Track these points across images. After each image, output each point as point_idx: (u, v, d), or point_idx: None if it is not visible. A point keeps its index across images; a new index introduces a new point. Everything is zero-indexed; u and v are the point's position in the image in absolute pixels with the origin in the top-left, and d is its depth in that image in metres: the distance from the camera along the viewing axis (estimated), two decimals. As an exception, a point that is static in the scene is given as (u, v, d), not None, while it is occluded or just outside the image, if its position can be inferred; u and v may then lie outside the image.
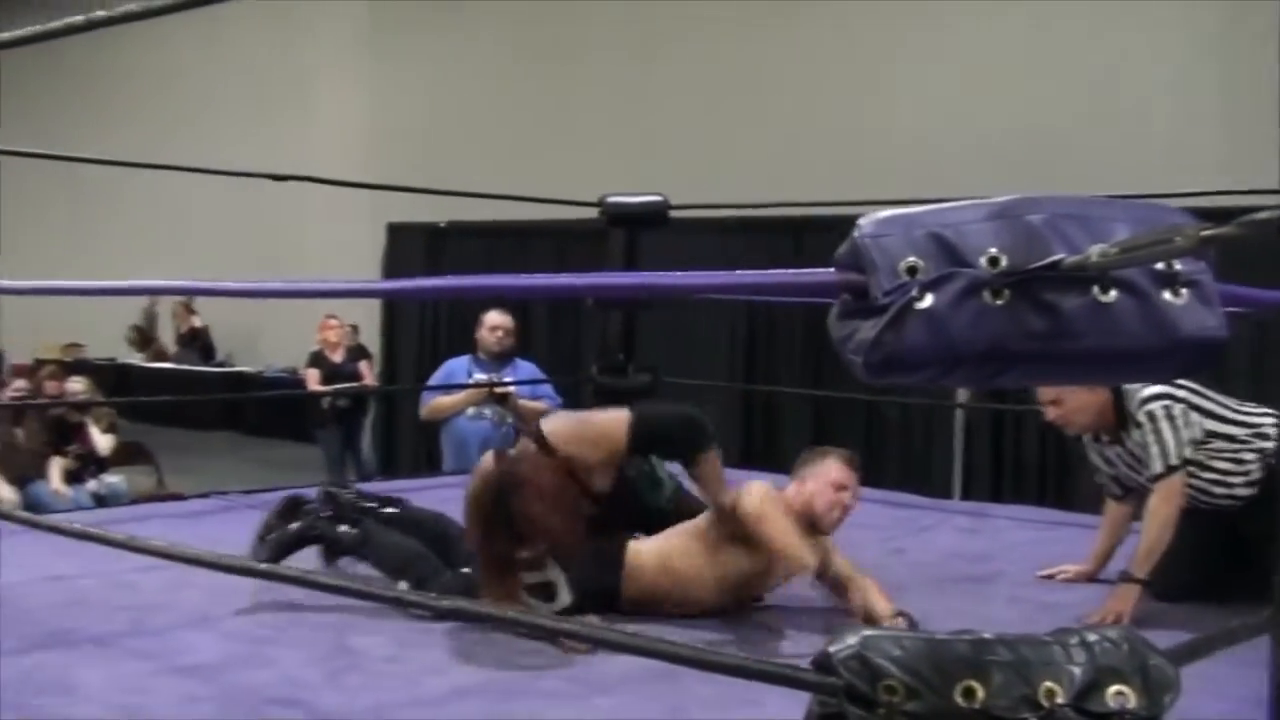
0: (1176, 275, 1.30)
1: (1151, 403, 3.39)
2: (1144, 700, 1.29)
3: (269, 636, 3.06)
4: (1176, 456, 3.35)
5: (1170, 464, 3.35)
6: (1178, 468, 3.35)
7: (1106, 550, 3.77)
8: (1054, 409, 3.55)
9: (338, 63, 13.37)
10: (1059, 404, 3.53)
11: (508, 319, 6.17)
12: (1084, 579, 3.76)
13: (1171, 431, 3.36)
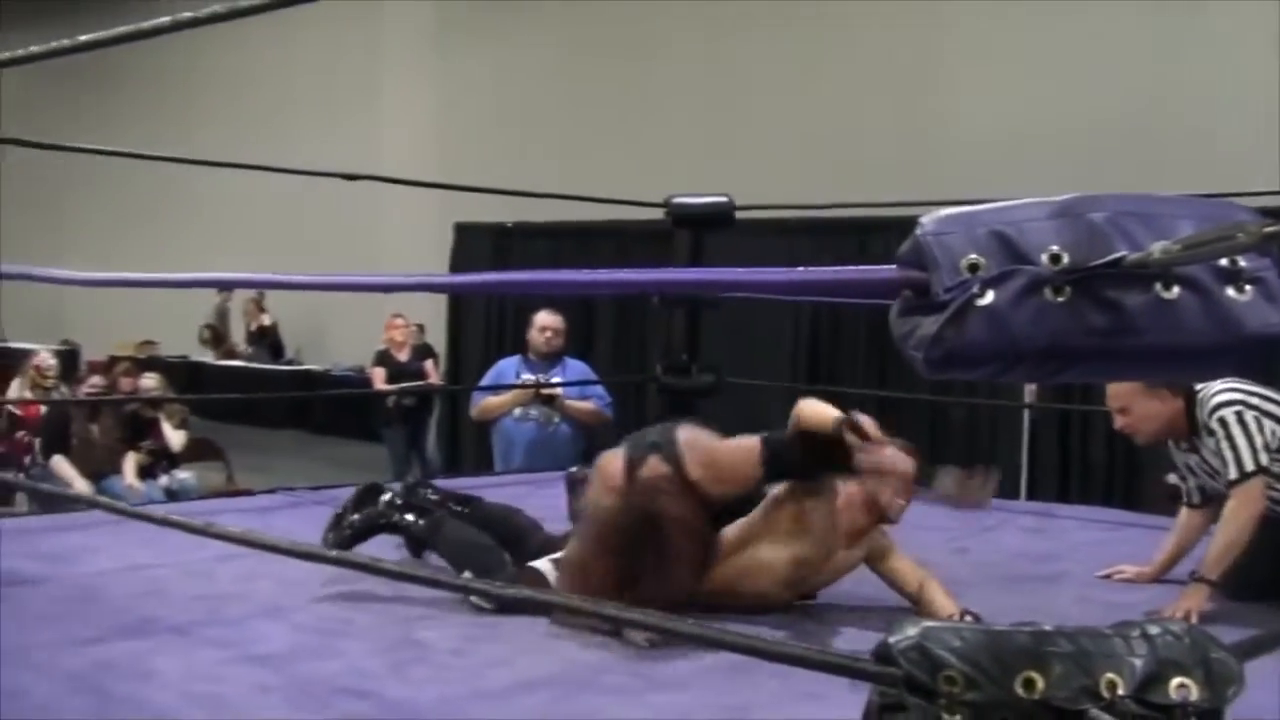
0: (1240, 272, 1.31)
1: (1224, 409, 3.35)
2: (1207, 693, 1.29)
3: (337, 628, 3.11)
4: (1252, 462, 3.31)
5: (1245, 470, 3.31)
6: (1254, 473, 3.30)
7: (1173, 556, 3.73)
8: (1122, 417, 3.54)
9: (406, 63, 13.53)
10: (1126, 412, 3.51)
11: (558, 319, 6.18)
12: (1144, 580, 3.72)
13: (1245, 437, 3.32)
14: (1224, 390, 3.41)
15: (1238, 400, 3.36)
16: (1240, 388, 3.42)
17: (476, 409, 6.21)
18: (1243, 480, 3.31)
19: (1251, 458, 3.31)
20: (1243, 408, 3.35)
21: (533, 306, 10.68)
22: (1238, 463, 3.32)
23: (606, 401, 6.09)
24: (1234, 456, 3.33)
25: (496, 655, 2.94)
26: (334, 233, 13.11)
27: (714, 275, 1.75)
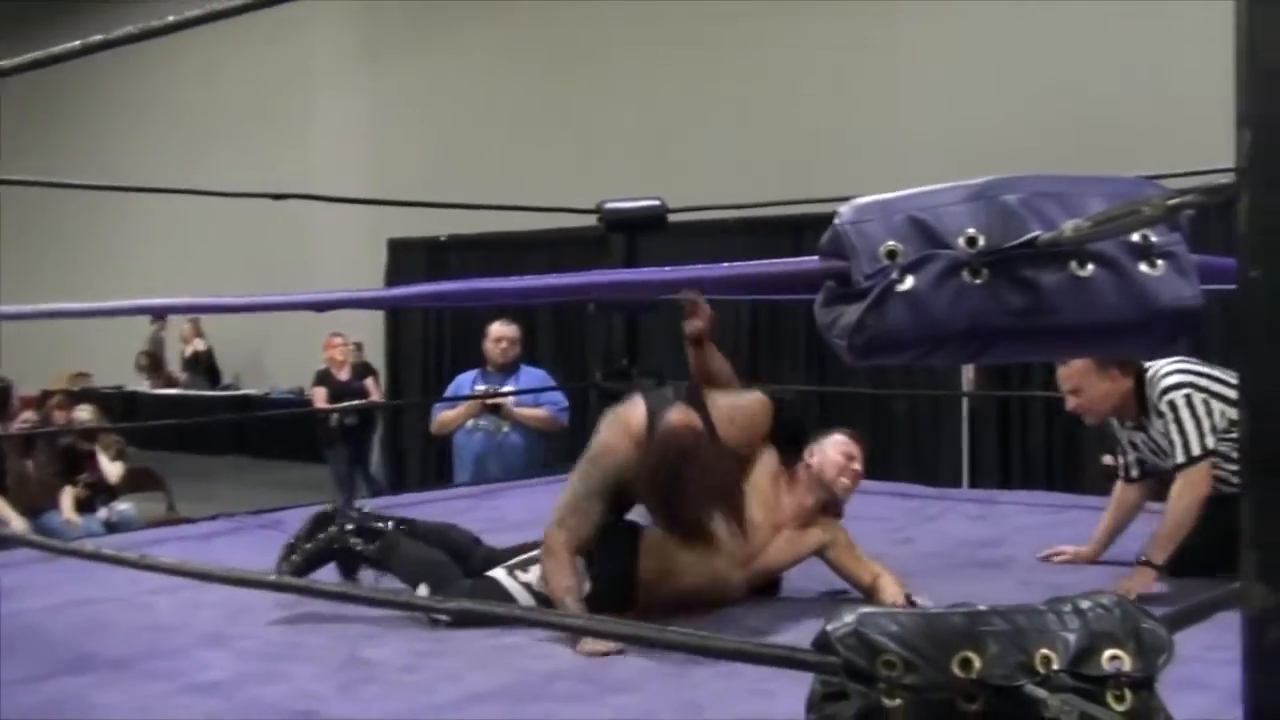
0: (1152, 247, 1.33)
1: (1173, 392, 3.38)
2: (1138, 663, 1.31)
3: (283, 652, 3.08)
4: (1199, 446, 3.33)
5: (1193, 454, 3.34)
6: (1201, 457, 3.33)
7: (1111, 534, 3.76)
8: (1074, 398, 3.56)
9: (336, 81, 13.44)
10: (1079, 393, 3.53)
11: (512, 329, 6.18)
12: (1084, 561, 3.75)
13: (1193, 421, 3.35)
14: (1174, 371, 3.43)
15: (1187, 383, 3.39)
16: (1189, 368, 3.44)
17: (434, 424, 6.21)
18: (1190, 464, 3.33)
19: (1199, 442, 3.33)
20: (1192, 390, 3.37)
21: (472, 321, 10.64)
22: (1185, 447, 3.34)
23: (561, 407, 6.08)
24: (1182, 440, 3.35)
25: (446, 669, 2.92)
26: (266, 254, 12.99)
27: (645, 275, 1.76)
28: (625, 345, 6.01)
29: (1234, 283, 1.47)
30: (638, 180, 7.65)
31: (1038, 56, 8.43)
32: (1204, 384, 3.39)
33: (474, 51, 11.99)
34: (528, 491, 5.11)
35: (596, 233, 5.81)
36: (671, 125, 10.45)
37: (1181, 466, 3.35)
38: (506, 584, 3.32)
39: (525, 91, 11.53)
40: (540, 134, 11.31)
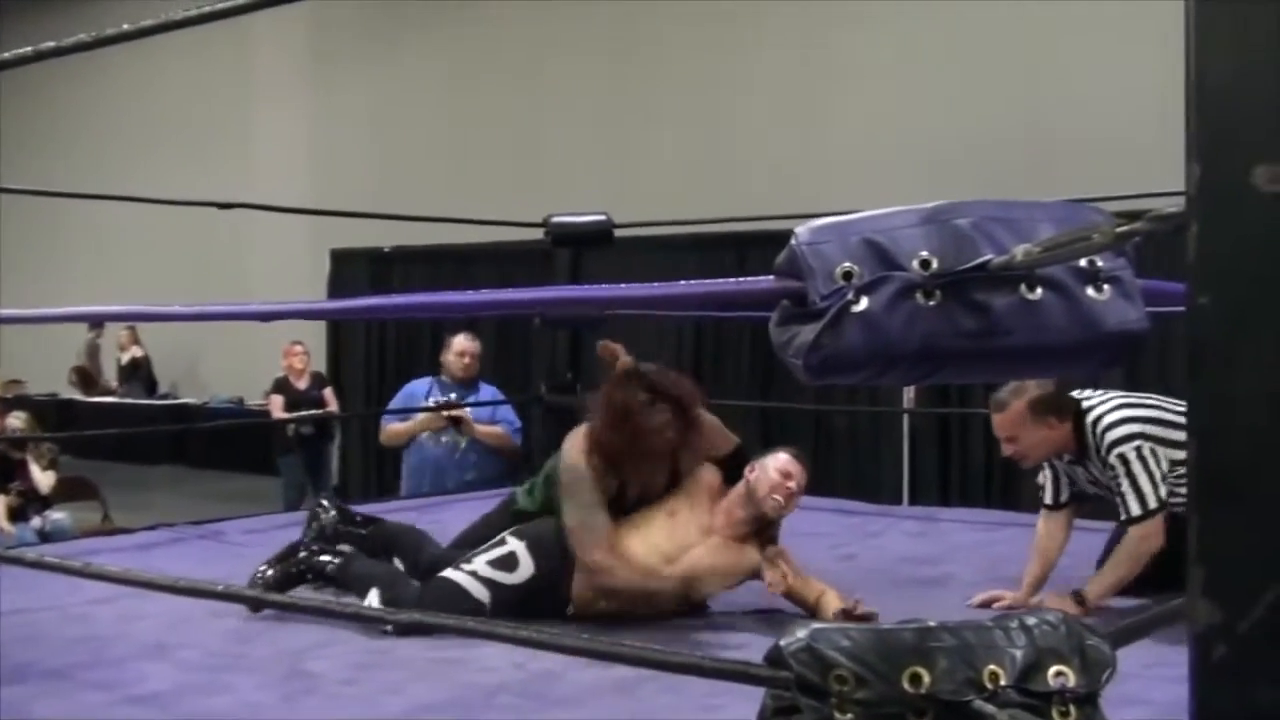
0: (1099, 272, 1.36)
1: (1123, 445, 3.37)
2: (1083, 679, 1.34)
3: (225, 663, 3.06)
4: (1155, 499, 3.33)
5: (1149, 508, 3.33)
6: (1156, 511, 3.32)
7: (1044, 571, 3.66)
8: (1009, 445, 3.53)
9: (278, 90, 13.35)
10: (1014, 441, 3.51)
11: (475, 344, 6.15)
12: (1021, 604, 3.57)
13: (1146, 474, 3.34)
14: (1120, 420, 3.41)
15: (1137, 434, 3.37)
16: (1135, 414, 3.43)
17: (384, 434, 6.13)
18: (1146, 518, 3.33)
19: (1154, 495, 3.33)
20: (1142, 440, 3.36)
21: (416, 333, 10.63)
22: (1140, 501, 3.34)
23: (516, 427, 6.05)
24: (1136, 495, 3.34)
25: (389, 682, 2.91)
26: (207, 264, 12.88)
27: (597, 292, 1.77)
28: (570, 360, 6.01)
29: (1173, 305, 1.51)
30: (584, 195, 7.67)
31: (982, 77, 8.56)
32: (1152, 431, 3.39)
33: (421, 63, 11.96)
34: (469, 504, 5.10)
35: (542, 247, 5.81)
36: (618, 141, 10.48)
37: (1137, 520, 3.34)
38: (455, 578, 3.42)
39: (472, 104, 11.52)
40: (486, 147, 11.30)
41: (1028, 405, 3.46)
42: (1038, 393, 3.46)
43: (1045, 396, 3.46)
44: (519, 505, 3.80)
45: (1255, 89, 0.86)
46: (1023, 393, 3.47)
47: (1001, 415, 3.51)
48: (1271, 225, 0.86)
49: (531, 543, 3.46)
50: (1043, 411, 3.46)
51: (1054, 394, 3.48)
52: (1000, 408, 3.52)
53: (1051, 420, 3.47)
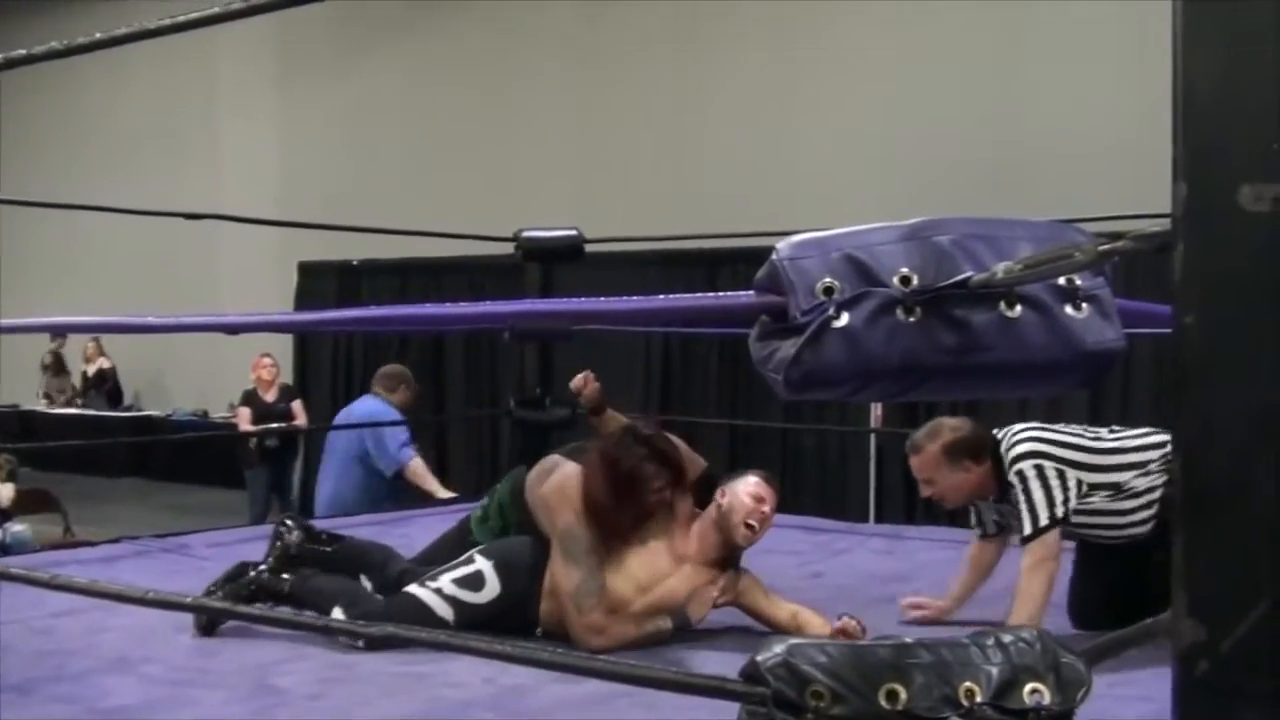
0: (1077, 291, 1.37)
1: (1021, 462, 3.26)
2: (1058, 696, 1.34)
3: (191, 678, 3.03)
4: (1047, 517, 3.20)
5: (1039, 525, 3.21)
6: (1047, 528, 3.21)
7: (970, 588, 3.65)
8: (927, 487, 3.47)
9: (246, 103, 13.28)
10: (932, 484, 3.44)
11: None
12: (944, 615, 3.62)
13: (1042, 491, 3.22)
14: (1023, 441, 3.32)
15: (1037, 452, 3.27)
16: (1043, 437, 3.34)
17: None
18: (1035, 536, 3.21)
19: (1047, 512, 3.21)
20: (1043, 460, 3.26)
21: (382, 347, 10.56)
22: (1032, 518, 3.22)
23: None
24: (1029, 512, 3.23)
25: (357, 696, 2.89)
26: (174, 276, 12.78)
27: (576, 306, 1.76)
28: (539, 374, 6.00)
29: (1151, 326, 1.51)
30: (554, 210, 7.67)
31: (952, 96, 8.62)
32: (1056, 453, 3.28)
33: (391, 76, 11.94)
34: (435, 519, 5.08)
35: (512, 261, 5.80)
36: (590, 156, 10.50)
37: (1028, 539, 3.23)
38: (420, 594, 3.38)
39: (441, 118, 11.51)
40: (456, 161, 11.28)
41: (942, 449, 3.37)
42: (952, 436, 3.37)
43: (959, 440, 3.36)
44: (474, 535, 3.78)
45: (1241, 109, 0.87)
46: (937, 436, 3.39)
47: (917, 458, 3.43)
48: (1257, 245, 0.86)
49: (499, 563, 3.42)
50: (958, 455, 3.36)
51: (969, 437, 3.38)
52: (915, 450, 3.44)
53: (967, 464, 3.36)
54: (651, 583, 3.42)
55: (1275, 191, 0.85)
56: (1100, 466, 3.29)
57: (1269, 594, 0.85)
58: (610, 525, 3.37)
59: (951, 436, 3.38)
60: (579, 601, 3.30)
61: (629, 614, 3.37)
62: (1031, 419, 3.63)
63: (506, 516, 3.79)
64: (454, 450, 10.57)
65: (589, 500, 3.36)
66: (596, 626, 3.30)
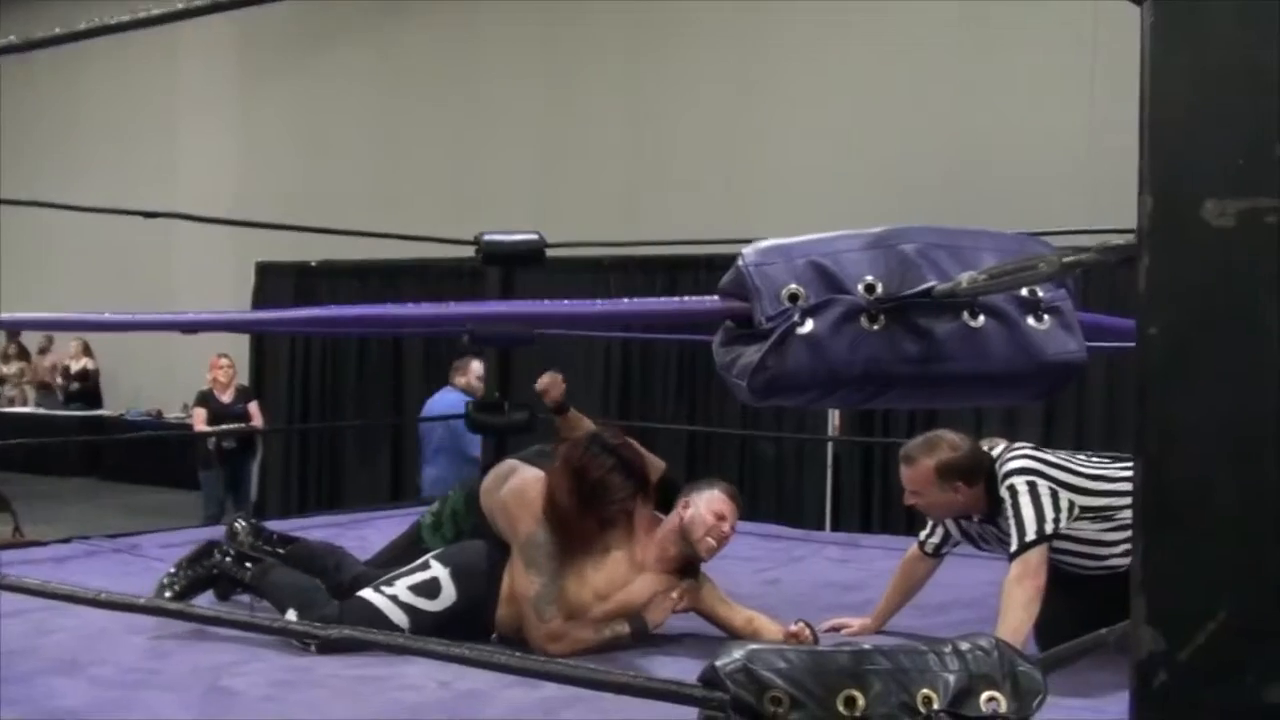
0: (1040, 302, 1.38)
1: (1013, 478, 3.24)
2: (1014, 704, 1.35)
3: (141, 680, 2.99)
4: (1035, 531, 3.17)
5: (1026, 539, 3.17)
6: (1036, 542, 3.17)
7: (897, 605, 3.64)
8: (914, 498, 3.43)
9: (204, 99, 13.18)
10: (920, 496, 3.40)
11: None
12: (869, 632, 3.60)
13: (1032, 506, 3.19)
14: (1019, 459, 3.31)
15: (1029, 469, 3.26)
16: (1038, 457, 3.33)
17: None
18: (1023, 550, 3.17)
19: (1035, 527, 3.18)
20: (1036, 477, 3.24)
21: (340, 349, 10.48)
22: (1020, 531, 3.19)
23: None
24: (1018, 526, 3.19)
25: (310, 700, 2.87)
26: (130, 275, 12.66)
27: (543, 309, 1.76)
28: (498, 378, 5.98)
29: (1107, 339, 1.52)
30: (515, 214, 7.65)
31: (915, 109, 8.68)
32: (1049, 472, 3.26)
33: (352, 76, 11.88)
34: (392, 521, 5.05)
35: (472, 264, 5.78)
36: (552, 161, 10.48)
37: (1016, 554, 3.17)
38: (374, 600, 3.36)
39: (402, 119, 11.47)
40: (417, 163, 11.25)
41: (935, 468, 3.33)
42: (949, 456, 3.33)
43: (955, 460, 3.33)
44: (426, 543, 3.76)
45: (1208, 124, 0.88)
46: (934, 451, 3.35)
47: (909, 470, 3.39)
48: (1220, 258, 0.87)
49: (456, 570, 3.41)
50: (950, 476, 3.32)
51: (965, 457, 3.34)
52: (908, 462, 3.40)
53: (958, 485, 3.33)
54: (611, 590, 3.43)
55: (1239, 206, 0.86)
56: (1093, 491, 3.26)
57: (1228, 604, 0.86)
58: (573, 533, 3.37)
59: (948, 456, 3.33)
60: (539, 608, 3.29)
61: (588, 619, 3.37)
62: (986, 430, 3.64)
63: (460, 523, 3.78)
64: (411, 454, 10.51)
65: (552, 507, 3.35)
66: (556, 633, 3.29)
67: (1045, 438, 6.83)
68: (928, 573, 3.66)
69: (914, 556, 3.67)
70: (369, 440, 10.68)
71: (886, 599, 3.67)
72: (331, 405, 10.74)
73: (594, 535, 3.42)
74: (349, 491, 10.51)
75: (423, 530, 3.87)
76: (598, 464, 3.37)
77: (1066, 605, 3.22)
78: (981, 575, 3.64)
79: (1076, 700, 2.47)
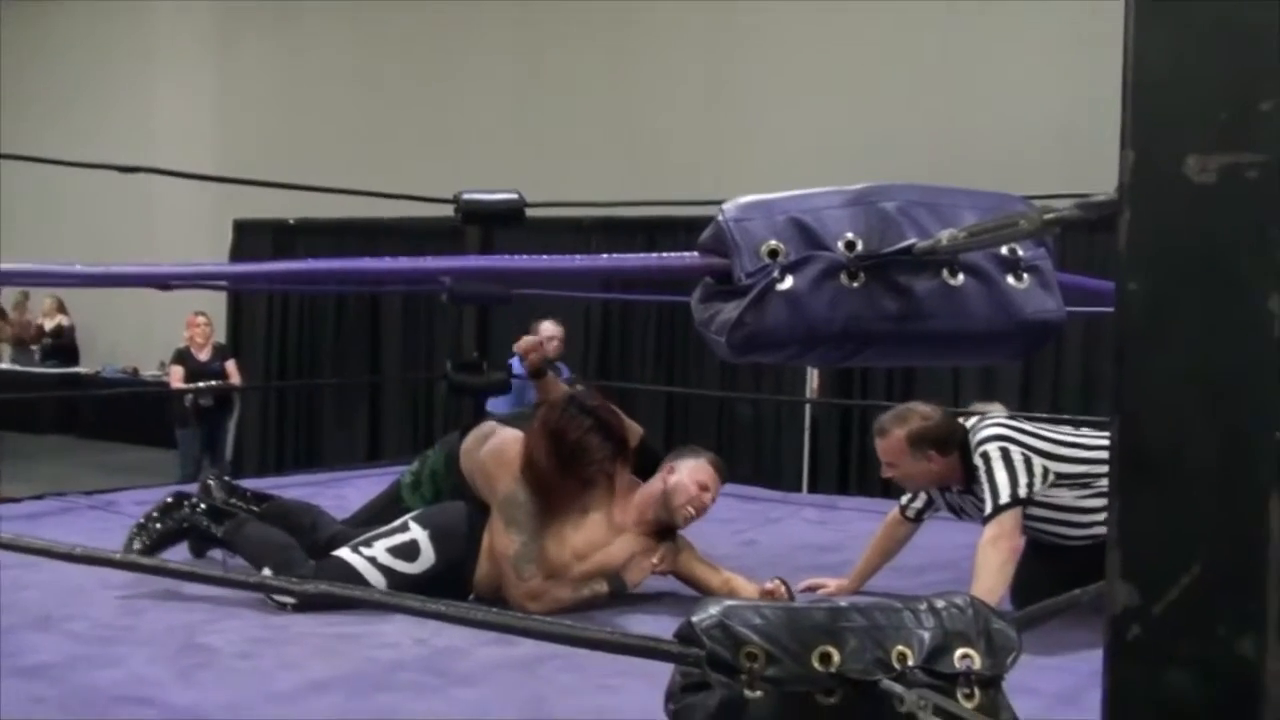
0: (1019, 261, 1.38)
1: (987, 444, 3.27)
2: (988, 661, 1.36)
3: (117, 635, 2.99)
4: (1008, 494, 3.19)
5: (1000, 502, 3.20)
6: (1009, 505, 3.20)
7: (875, 566, 3.66)
8: (890, 469, 3.47)
9: (181, 55, 13.05)
10: (894, 467, 3.44)
11: (561, 329, 6.81)
12: (846, 593, 3.62)
13: (1006, 471, 3.22)
14: (993, 426, 3.34)
15: (1002, 435, 3.29)
16: (1012, 425, 3.36)
17: None
18: (996, 513, 3.20)
19: (1009, 491, 3.20)
20: (1008, 443, 3.26)
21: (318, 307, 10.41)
22: (994, 495, 3.21)
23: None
24: (991, 489, 3.22)
25: (287, 657, 2.87)
26: (107, 233, 12.55)
27: (521, 264, 1.75)
28: (477, 338, 5.97)
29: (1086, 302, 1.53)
30: (495, 173, 7.61)
31: (897, 72, 8.66)
32: (1022, 439, 3.29)
33: (331, 33, 11.78)
34: (370, 480, 5.05)
35: (451, 224, 5.75)
36: (533, 120, 10.43)
37: (989, 517, 3.20)
38: (352, 561, 3.35)
39: (382, 76, 11.38)
40: (396, 121, 11.17)
41: (907, 437, 3.36)
42: (919, 425, 3.36)
43: (926, 429, 3.36)
44: (405, 503, 3.76)
45: (1191, 79, 0.87)
46: (905, 422, 3.38)
47: (882, 442, 3.42)
48: (1201, 214, 0.87)
49: (435, 532, 3.40)
50: (922, 445, 3.35)
51: (936, 427, 3.37)
52: (881, 434, 3.43)
53: (931, 454, 3.36)
54: (590, 550, 3.44)
55: (1221, 162, 0.86)
56: (1068, 458, 3.29)
57: (1202, 558, 0.87)
58: (552, 494, 3.38)
59: (919, 425, 3.36)
60: (519, 566, 3.30)
61: (566, 579, 3.39)
62: (964, 391, 3.66)
63: (439, 484, 3.78)
64: (389, 413, 10.51)
65: (531, 468, 3.36)
66: (535, 592, 3.30)
67: (1022, 403, 6.88)
68: (907, 535, 3.69)
69: (895, 520, 3.70)
70: (347, 399, 10.66)
71: (865, 560, 3.70)
72: (309, 364, 10.72)
73: (573, 496, 3.43)
74: (327, 450, 10.51)
75: (402, 490, 3.86)
76: (576, 425, 3.38)
77: (1046, 570, 3.25)
78: (959, 539, 3.65)
79: (1051, 659, 2.50)
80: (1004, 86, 8.21)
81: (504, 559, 3.33)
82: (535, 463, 3.36)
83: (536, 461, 3.36)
